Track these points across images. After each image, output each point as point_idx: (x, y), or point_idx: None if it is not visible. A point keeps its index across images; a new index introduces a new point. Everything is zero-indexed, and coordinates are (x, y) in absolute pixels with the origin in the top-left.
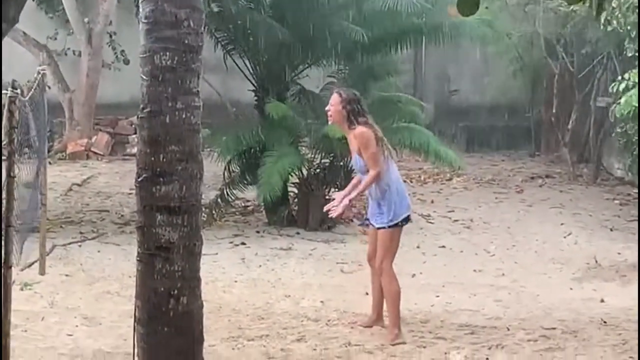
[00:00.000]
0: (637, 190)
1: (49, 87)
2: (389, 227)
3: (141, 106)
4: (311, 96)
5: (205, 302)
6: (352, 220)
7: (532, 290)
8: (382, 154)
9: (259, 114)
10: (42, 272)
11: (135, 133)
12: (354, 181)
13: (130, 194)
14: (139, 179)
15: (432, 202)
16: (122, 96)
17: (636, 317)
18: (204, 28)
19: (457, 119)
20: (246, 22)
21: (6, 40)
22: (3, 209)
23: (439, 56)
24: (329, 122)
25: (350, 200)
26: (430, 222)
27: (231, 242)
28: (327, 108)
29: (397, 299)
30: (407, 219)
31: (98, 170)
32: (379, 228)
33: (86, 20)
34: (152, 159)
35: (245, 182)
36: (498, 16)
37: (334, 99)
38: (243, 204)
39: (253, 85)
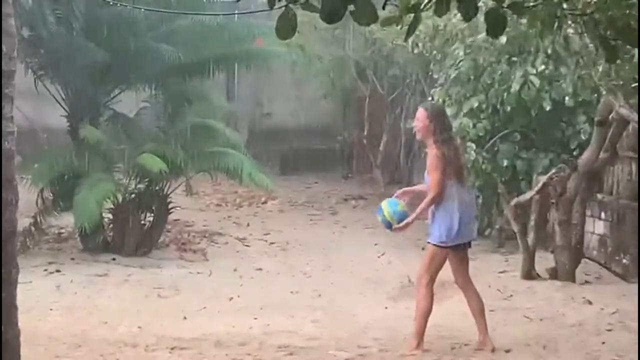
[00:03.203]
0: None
1: None
2: (434, 244)
3: None
4: (125, 121)
5: (20, 331)
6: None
7: (348, 310)
8: (448, 177)
9: (72, 140)
10: None
11: None
12: (420, 187)
13: None
14: None
15: (248, 225)
16: None
17: (447, 334)
18: (17, 53)
19: (270, 142)
20: (57, 47)
21: None
22: None
23: (251, 80)
24: (417, 138)
25: (412, 220)
26: (247, 245)
27: (45, 270)
28: (413, 124)
29: (423, 313)
30: (459, 246)
31: None
32: (428, 242)
33: None
34: None
35: (59, 208)
36: (308, 40)
37: (421, 113)
38: (57, 231)
39: (65, 110)
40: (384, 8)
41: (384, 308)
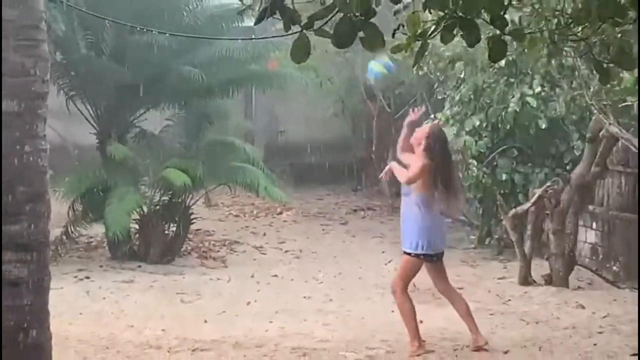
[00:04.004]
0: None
1: None
2: (409, 254)
3: None
4: (150, 138)
5: (52, 335)
6: None
7: (357, 314)
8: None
9: (101, 156)
10: None
11: None
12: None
13: None
14: None
15: (264, 234)
16: None
17: (450, 336)
18: (49, 76)
19: (285, 157)
20: (87, 70)
21: None
22: None
23: (268, 100)
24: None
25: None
26: (263, 253)
27: (76, 277)
28: (418, 129)
29: (409, 315)
30: (429, 257)
31: None
32: (404, 251)
33: None
34: (2, 199)
35: (89, 219)
36: (320, 62)
37: (427, 127)
38: (87, 240)
39: (94, 128)
40: (393, 36)
41: (390, 312)
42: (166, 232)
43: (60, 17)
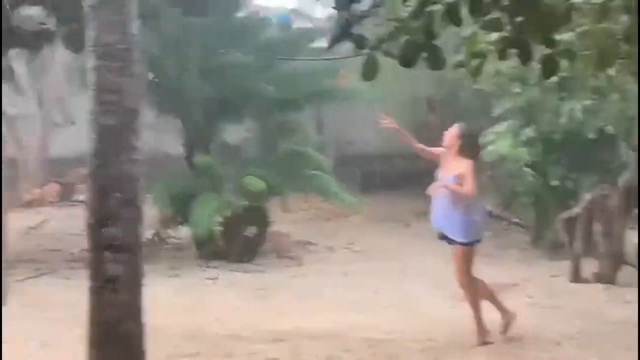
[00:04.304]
0: (506, 223)
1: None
2: (463, 244)
3: (90, 160)
4: (232, 148)
5: (145, 326)
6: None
7: (419, 308)
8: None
9: (188, 165)
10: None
11: (82, 182)
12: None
13: (78, 234)
14: (89, 222)
15: (336, 235)
16: (69, 151)
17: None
18: (142, 93)
19: (354, 166)
20: (176, 88)
21: None
22: None
23: (337, 113)
24: (443, 143)
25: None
26: (335, 253)
27: (166, 274)
28: (445, 132)
29: (478, 304)
30: (478, 242)
31: (50, 215)
32: (458, 243)
33: (38, 87)
34: (100, 205)
35: (178, 222)
36: (386, 79)
37: (455, 128)
38: (176, 241)
39: (183, 140)
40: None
41: (450, 307)
42: (247, 233)
43: (152, 40)
